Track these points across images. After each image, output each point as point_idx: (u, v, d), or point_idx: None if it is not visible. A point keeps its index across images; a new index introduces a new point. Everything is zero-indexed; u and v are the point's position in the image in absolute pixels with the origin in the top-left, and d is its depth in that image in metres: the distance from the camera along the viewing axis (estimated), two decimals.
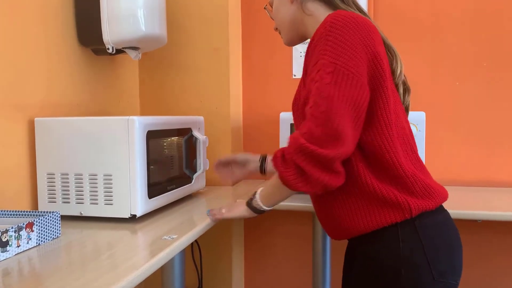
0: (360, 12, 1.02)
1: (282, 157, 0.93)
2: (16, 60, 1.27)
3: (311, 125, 0.88)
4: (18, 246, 0.97)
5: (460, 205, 1.44)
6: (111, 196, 1.24)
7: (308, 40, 1.04)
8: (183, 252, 1.33)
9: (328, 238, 1.72)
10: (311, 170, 0.89)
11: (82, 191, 1.26)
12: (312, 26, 1.06)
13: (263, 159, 1.32)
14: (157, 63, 1.96)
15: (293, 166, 0.91)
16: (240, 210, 1.18)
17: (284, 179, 0.94)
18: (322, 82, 0.88)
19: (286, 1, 1.08)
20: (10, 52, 1.25)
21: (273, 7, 1.15)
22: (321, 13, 1.04)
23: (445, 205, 1.03)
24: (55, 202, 1.28)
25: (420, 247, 0.94)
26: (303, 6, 1.06)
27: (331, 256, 1.75)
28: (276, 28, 1.16)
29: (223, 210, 1.23)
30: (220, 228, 1.91)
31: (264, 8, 1.21)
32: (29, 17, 1.32)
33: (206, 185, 1.73)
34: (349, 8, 1.03)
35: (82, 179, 1.26)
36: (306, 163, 0.89)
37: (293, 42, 1.15)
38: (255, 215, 1.17)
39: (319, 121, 0.87)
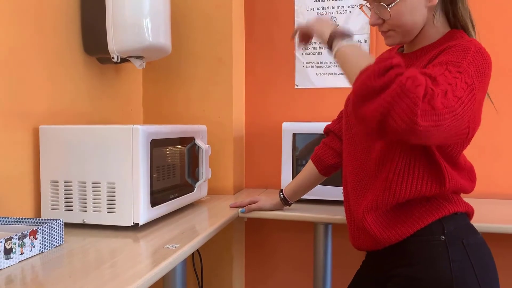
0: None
1: (385, 69, 0.80)
2: (21, 68, 1.29)
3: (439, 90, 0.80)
4: (21, 254, 0.98)
5: None
6: (114, 204, 1.24)
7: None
8: (185, 261, 1.33)
9: (330, 249, 1.72)
10: (391, 95, 0.78)
11: (85, 199, 1.26)
12: (431, 34, 1.05)
13: (283, 198, 1.48)
14: (161, 72, 1.97)
15: (384, 80, 0.79)
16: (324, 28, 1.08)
17: (365, 77, 0.81)
18: (459, 84, 0.85)
19: (423, 5, 1.02)
20: (15, 60, 1.27)
21: (396, 6, 1.02)
22: (442, 25, 1.05)
23: None
24: (58, 209, 1.29)
25: (470, 267, 0.94)
26: (435, 14, 1.04)
27: (332, 267, 1.74)
28: (387, 30, 1.07)
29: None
30: (221, 238, 1.91)
31: (363, 6, 1.12)
32: (35, 25, 1.34)
33: (208, 194, 1.73)
34: (472, 35, 1.04)
35: (85, 187, 1.26)
36: (396, 91, 0.78)
37: (401, 44, 1.11)
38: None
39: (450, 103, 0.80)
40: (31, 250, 1.01)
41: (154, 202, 1.29)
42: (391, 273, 1.02)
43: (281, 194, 1.48)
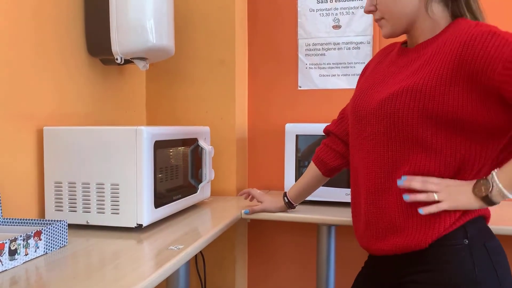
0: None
1: None
2: (25, 69, 1.29)
3: None
4: (26, 255, 0.98)
5: None
6: (118, 206, 1.24)
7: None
8: (188, 262, 1.33)
9: (333, 251, 1.72)
10: None
11: (89, 200, 1.27)
12: (428, 26, 1.02)
13: (288, 201, 1.47)
14: (164, 74, 1.98)
15: None
16: (464, 201, 0.95)
17: None
18: None
19: None
20: (19, 62, 1.27)
21: None
22: (442, 17, 1.01)
23: None
24: (62, 210, 1.29)
25: (493, 270, 0.93)
26: (428, 4, 1.01)
27: (335, 268, 1.74)
28: (380, 18, 1.07)
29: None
30: (224, 239, 1.91)
31: None
32: (39, 27, 1.34)
33: (211, 195, 1.74)
34: (479, 19, 1.01)
35: (89, 188, 1.27)
36: None
37: (394, 35, 1.09)
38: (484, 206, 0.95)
39: None
40: (35, 251, 1.01)
41: (157, 203, 1.30)
42: (407, 279, 0.98)
43: (285, 198, 1.47)
